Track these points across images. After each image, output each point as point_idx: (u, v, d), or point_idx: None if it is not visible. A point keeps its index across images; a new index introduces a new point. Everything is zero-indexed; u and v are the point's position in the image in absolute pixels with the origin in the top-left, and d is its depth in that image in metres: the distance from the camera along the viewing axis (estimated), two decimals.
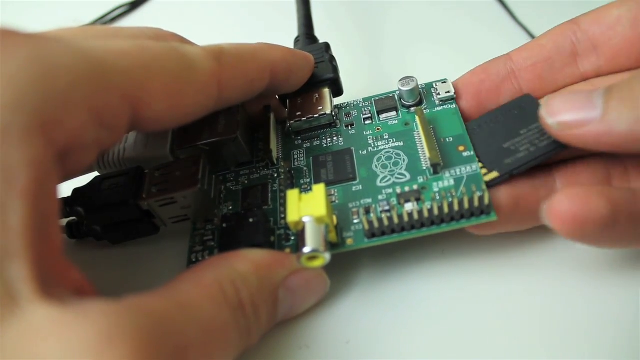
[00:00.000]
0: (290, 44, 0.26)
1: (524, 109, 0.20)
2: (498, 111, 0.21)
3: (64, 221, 0.23)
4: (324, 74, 0.23)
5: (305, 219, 0.18)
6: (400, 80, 0.22)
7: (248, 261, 0.18)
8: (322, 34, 0.27)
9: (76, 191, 0.21)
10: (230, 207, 0.21)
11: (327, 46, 0.25)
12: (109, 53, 0.16)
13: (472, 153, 0.20)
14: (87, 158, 0.16)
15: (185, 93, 0.18)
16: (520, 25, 0.31)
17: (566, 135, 0.17)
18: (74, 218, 0.22)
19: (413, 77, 0.22)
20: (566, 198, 0.16)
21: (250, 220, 0.19)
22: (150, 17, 0.38)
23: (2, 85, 0.13)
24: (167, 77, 0.17)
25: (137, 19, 0.38)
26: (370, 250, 0.21)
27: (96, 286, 0.16)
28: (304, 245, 0.17)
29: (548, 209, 0.16)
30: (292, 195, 0.18)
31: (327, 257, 0.17)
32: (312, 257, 0.17)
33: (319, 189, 0.18)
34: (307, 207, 0.18)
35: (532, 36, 0.30)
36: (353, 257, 0.21)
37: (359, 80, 0.28)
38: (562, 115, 0.17)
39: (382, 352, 0.19)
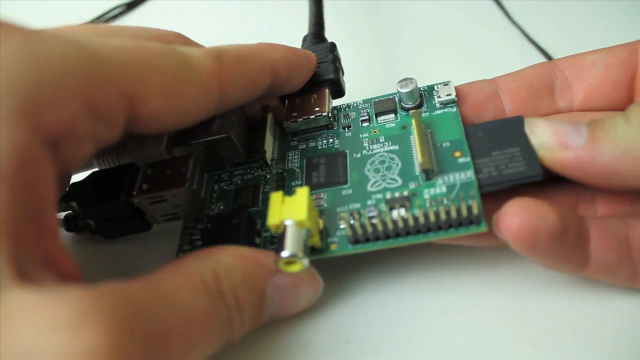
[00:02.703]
0: (291, 44, 0.26)
1: (508, 130, 0.19)
2: (483, 125, 0.20)
3: (62, 214, 0.23)
4: (325, 74, 0.23)
5: (287, 222, 0.17)
6: (399, 82, 0.21)
7: (233, 253, 0.17)
8: (332, 34, 0.26)
9: (73, 186, 0.21)
10: (222, 207, 0.21)
11: (332, 46, 0.24)
12: (104, 47, 0.16)
13: (468, 159, 0.19)
14: (83, 150, 0.16)
15: (184, 92, 0.18)
16: (515, 25, 0.31)
17: (549, 157, 0.18)
18: (70, 212, 0.23)
19: (412, 78, 0.21)
20: (517, 208, 0.16)
21: (234, 221, 0.19)
22: (147, 17, 0.38)
23: None
24: (164, 75, 0.17)
25: (134, 20, 0.38)
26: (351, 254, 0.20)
27: (88, 279, 0.16)
28: (282, 249, 0.17)
29: (498, 219, 0.17)
30: (275, 197, 0.18)
31: (305, 262, 0.17)
32: (290, 261, 0.17)
33: (302, 192, 0.17)
34: (289, 210, 0.17)
35: (527, 36, 0.30)
36: (352, 258, 0.20)
37: (364, 82, 0.28)
38: (546, 136, 0.18)
39: (381, 352, 0.18)
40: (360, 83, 0.25)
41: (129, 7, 0.39)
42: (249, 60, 0.19)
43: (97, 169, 0.22)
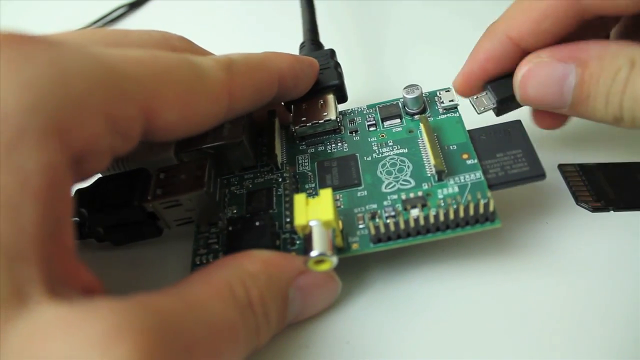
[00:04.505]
0: (289, 43, 0.26)
1: (509, 133, 0.21)
2: (485, 129, 0.21)
3: None
4: (329, 80, 0.23)
5: (312, 223, 0.18)
6: (404, 88, 0.22)
7: (257, 260, 0.18)
8: (324, 39, 0.27)
9: (79, 192, 0.21)
10: (235, 211, 0.21)
11: (332, 52, 0.25)
12: (124, 61, 0.16)
13: (476, 161, 0.20)
14: (100, 164, 0.16)
15: (197, 103, 0.18)
16: None
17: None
18: (76, 219, 0.22)
19: (417, 85, 0.22)
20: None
21: (257, 223, 0.19)
22: (149, 18, 0.38)
23: (21, 89, 0.13)
24: (180, 87, 0.17)
25: (136, 20, 0.38)
26: (372, 252, 0.21)
27: None
28: (311, 248, 0.17)
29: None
30: (299, 199, 0.18)
31: (334, 260, 0.18)
32: (320, 260, 0.18)
33: (326, 194, 0.18)
34: (315, 211, 0.18)
35: None
36: (353, 259, 0.21)
37: (361, 86, 0.29)
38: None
39: (381, 353, 0.19)
40: (359, 88, 0.26)
41: (131, 8, 0.38)
42: (258, 71, 0.20)
43: (101, 175, 0.22)
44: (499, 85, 0.21)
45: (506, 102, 0.21)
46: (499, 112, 0.21)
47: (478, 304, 0.20)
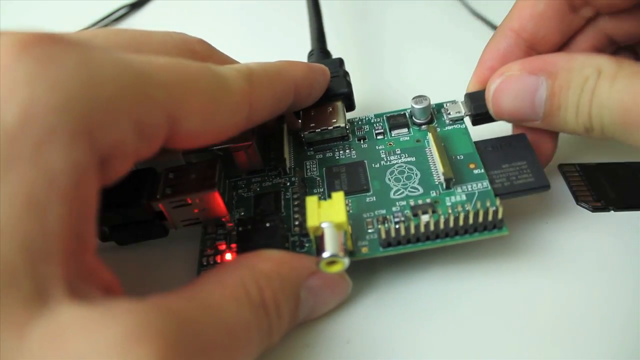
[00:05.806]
0: (290, 42, 0.26)
1: (514, 146, 0.21)
2: (491, 141, 0.22)
3: None
4: (339, 88, 0.24)
5: (325, 225, 0.18)
6: (413, 99, 0.23)
7: (270, 260, 0.18)
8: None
9: None
10: (243, 213, 0.21)
11: (340, 61, 0.25)
12: (150, 67, 0.16)
13: (483, 171, 0.20)
14: (124, 168, 0.16)
15: (220, 112, 0.18)
16: None
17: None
18: None
19: (425, 95, 0.23)
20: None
21: (267, 224, 0.19)
22: (150, 19, 0.38)
23: (51, 89, 0.13)
24: (204, 96, 0.17)
25: (137, 21, 0.38)
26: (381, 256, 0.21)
27: None
28: (323, 250, 0.17)
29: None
30: (312, 201, 0.18)
31: (346, 262, 0.18)
32: (331, 262, 0.18)
33: (339, 197, 0.18)
34: (327, 213, 0.18)
35: None
36: (360, 262, 0.21)
37: (365, 95, 0.29)
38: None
39: (382, 352, 0.19)
40: (364, 97, 0.27)
41: (133, 8, 0.39)
42: (277, 81, 0.20)
43: None
44: (476, 97, 0.22)
45: (480, 116, 0.22)
46: (474, 122, 0.23)
47: (478, 304, 0.20)
